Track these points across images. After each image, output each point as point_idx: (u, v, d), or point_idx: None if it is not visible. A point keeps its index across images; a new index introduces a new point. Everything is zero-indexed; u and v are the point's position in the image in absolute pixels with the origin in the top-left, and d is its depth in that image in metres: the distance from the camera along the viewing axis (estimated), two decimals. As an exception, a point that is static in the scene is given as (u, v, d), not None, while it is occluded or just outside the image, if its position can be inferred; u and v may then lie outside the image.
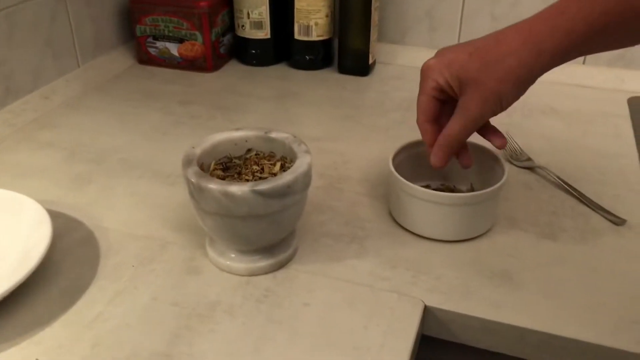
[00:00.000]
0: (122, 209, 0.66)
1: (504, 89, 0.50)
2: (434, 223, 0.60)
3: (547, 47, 0.48)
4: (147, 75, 1.02)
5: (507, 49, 0.49)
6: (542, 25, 0.48)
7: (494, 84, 0.50)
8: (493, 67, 0.50)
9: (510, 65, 0.49)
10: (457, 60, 0.52)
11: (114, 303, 0.53)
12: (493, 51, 0.50)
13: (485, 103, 0.51)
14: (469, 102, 0.52)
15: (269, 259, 0.56)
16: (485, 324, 0.52)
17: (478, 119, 0.53)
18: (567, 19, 0.47)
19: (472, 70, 0.51)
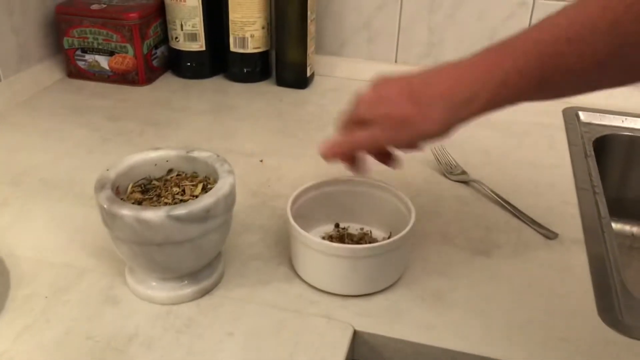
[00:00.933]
0: (39, 234, 0.62)
1: (429, 129, 0.49)
2: (329, 276, 0.54)
3: (480, 96, 0.47)
4: (76, 90, 0.97)
5: (439, 91, 0.48)
6: (476, 73, 0.47)
7: (420, 121, 0.49)
8: (422, 108, 0.48)
9: (441, 109, 0.48)
10: (389, 96, 0.50)
11: (22, 339, 0.49)
12: (425, 92, 0.49)
13: (412, 139, 0.50)
14: (390, 128, 0.50)
15: (192, 286, 0.53)
16: (416, 348, 0.51)
17: (389, 141, 0.52)
18: (502, 70, 0.46)
19: (403, 109, 0.49)
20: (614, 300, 0.56)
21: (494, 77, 0.46)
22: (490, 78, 0.46)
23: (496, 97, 0.46)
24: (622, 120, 0.90)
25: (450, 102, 0.47)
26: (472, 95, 0.47)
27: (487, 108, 0.48)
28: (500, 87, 0.46)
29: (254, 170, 0.75)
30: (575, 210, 0.68)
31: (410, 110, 0.49)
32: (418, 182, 0.73)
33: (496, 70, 0.46)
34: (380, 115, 0.50)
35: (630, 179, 0.91)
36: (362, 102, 0.52)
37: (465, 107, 0.47)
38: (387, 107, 0.50)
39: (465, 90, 0.47)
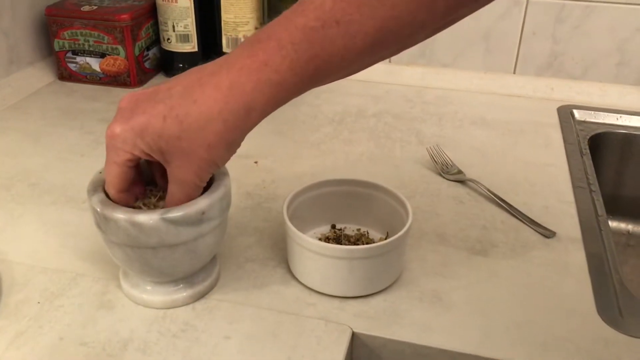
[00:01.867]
0: (31, 239, 0.62)
1: (215, 155, 0.45)
2: (326, 278, 0.53)
3: (258, 104, 0.43)
4: (67, 92, 0.96)
5: (209, 111, 0.43)
6: (245, 78, 0.42)
7: (203, 152, 0.44)
8: (197, 134, 0.43)
9: (217, 131, 0.43)
10: (151, 127, 0.44)
11: (14, 346, 0.49)
12: (192, 115, 0.43)
13: (201, 171, 0.46)
14: (183, 174, 0.46)
15: (188, 289, 0.53)
16: (415, 349, 0.50)
17: (198, 184, 0.47)
18: (273, 71, 0.42)
19: (173, 139, 0.43)
20: (612, 298, 0.55)
21: (266, 79, 0.42)
22: (262, 82, 0.42)
23: (274, 100, 0.43)
24: (616, 117, 0.90)
25: (224, 120, 0.43)
26: (248, 106, 0.43)
27: (266, 113, 0.44)
28: (276, 90, 0.42)
29: (249, 172, 0.74)
30: (572, 208, 0.68)
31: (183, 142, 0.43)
32: (414, 182, 0.73)
33: (267, 72, 0.42)
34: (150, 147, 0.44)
35: (626, 177, 0.91)
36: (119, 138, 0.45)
37: (244, 119, 0.43)
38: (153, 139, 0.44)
39: (239, 101, 0.42)
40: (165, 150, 0.44)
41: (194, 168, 0.45)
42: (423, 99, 0.96)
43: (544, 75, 0.99)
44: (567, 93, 0.97)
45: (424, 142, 0.82)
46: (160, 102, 0.44)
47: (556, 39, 0.96)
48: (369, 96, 0.97)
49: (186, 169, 0.45)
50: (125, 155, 0.46)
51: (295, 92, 0.44)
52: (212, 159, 0.45)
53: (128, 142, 0.45)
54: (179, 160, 0.45)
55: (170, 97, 0.44)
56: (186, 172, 0.45)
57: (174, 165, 0.46)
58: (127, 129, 0.44)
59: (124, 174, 0.47)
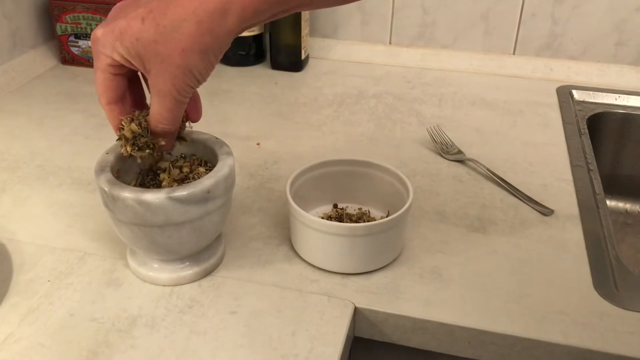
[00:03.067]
0: (39, 219, 0.63)
1: (191, 62, 0.42)
2: (328, 255, 0.55)
3: (232, 7, 0.40)
4: (70, 76, 0.97)
5: (184, 11, 0.40)
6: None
7: (177, 57, 0.41)
8: (171, 36, 0.41)
9: (190, 32, 0.41)
10: (130, 29, 0.42)
11: (27, 322, 0.50)
12: (169, 14, 0.41)
13: (176, 79, 0.43)
14: (160, 83, 0.43)
15: (194, 267, 0.54)
16: (416, 323, 0.52)
17: (177, 97, 0.44)
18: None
19: (149, 42, 0.41)
20: (609, 273, 0.56)
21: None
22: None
23: (252, 5, 0.40)
24: (615, 97, 0.91)
25: (198, 21, 0.40)
26: (225, 7, 0.40)
27: (245, 20, 0.41)
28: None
29: (251, 154, 0.75)
30: (570, 187, 0.69)
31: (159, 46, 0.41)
32: (414, 162, 0.74)
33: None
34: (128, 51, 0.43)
35: (624, 156, 0.92)
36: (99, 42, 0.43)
37: (219, 22, 0.40)
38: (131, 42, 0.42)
39: (215, 1, 0.40)
40: (143, 55, 0.43)
41: (170, 77, 0.43)
42: (423, 80, 0.97)
43: (543, 56, 0.99)
44: (566, 73, 0.97)
45: (424, 123, 0.83)
46: (141, 6, 0.43)
47: (555, 19, 0.96)
48: (369, 77, 0.98)
49: (163, 77, 0.43)
50: (106, 60, 0.44)
51: (275, 3, 0.41)
52: (186, 66, 0.42)
53: (107, 46, 0.43)
54: (156, 66, 0.43)
55: (151, 1, 0.42)
56: (163, 80, 0.43)
57: (152, 74, 0.43)
58: (108, 32, 0.43)
59: (109, 81, 0.46)
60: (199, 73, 0.43)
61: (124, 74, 0.46)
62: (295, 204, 0.55)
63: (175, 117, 0.47)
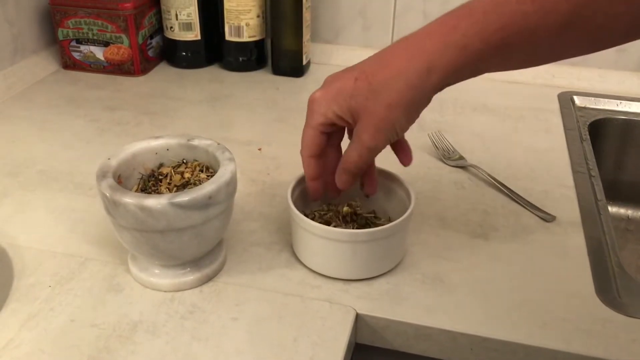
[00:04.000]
0: (40, 224, 0.63)
1: (395, 116, 0.46)
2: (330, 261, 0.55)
3: (439, 65, 0.44)
4: (72, 81, 0.97)
5: (394, 70, 0.45)
6: (433, 41, 0.44)
7: (383, 111, 0.46)
8: (381, 93, 0.45)
9: (399, 89, 0.45)
10: (344, 89, 0.47)
11: (27, 327, 0.50)
12: (379, 74, 0.46)
13: (378, 132, 0.47)
14: (362, 133, 0.48)
15: (195, 272, 0.54)
16: (418, 329, 0.51)
17: (373, 148, 0.49)
18: (460, 35, 0.43)
19: (360, 98, 0.46)
20: (611, 280, 0.56)
21: (452, 42, 0.43)
22: (447, 44, 0.43)
23: (455, 64, 0.44)
24: (616, 104, 0.91)
25: (406, 78, 0.45)
26: (430, 65, 0.44)
27: (447, 78, 0.45)
28: (459, 53, 0.43)
29: (252, 159, 0.75)
30: (571, 193, 0.69)
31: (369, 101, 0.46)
32: (416, 168, 0.73)
33: (454, 35, 0.43)
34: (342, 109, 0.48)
35: (625, 162, 0.92)
36: (317, 102, 0.49)
37: (424, 79, 0.44)
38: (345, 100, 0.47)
39: (422, 60, 0.44)
40: (354, 110, 0.47)
41: (374, 128, 0.47)
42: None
43: (544, 62, 0.99)
44: (568, 79, 0.97)
45: (425, 129, 0.82)
46: (355, 69, 0.48)
47: (557, 25, 0.96)
48: (370, 83, 0.98)
49: (366, 127, 0.47)
50: (319, 119, 0.49)
51: (478, 60, 0.44)
52: (390, 120, 0.46)
53: (323, 105, 0.49)
54: (363, 119, 0.47)
55: (363, 64, 0.48)
56: (365, 130, 0.47)
57: (360, 125, 0.48)
58: (324, 94, 0.49)
59: (316, 138, 0.51)
60: (399, 126, 0.48)
61: (328, 134, 0.51)
62: (297, 210, 0.54)
63: (363, 163, 0.50)
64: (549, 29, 0.42)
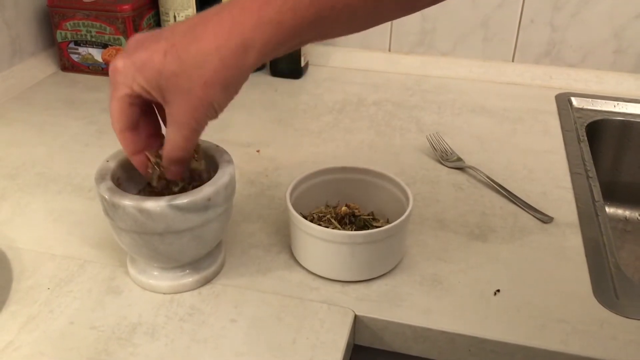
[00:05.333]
0: (39, 227, 0.63)
1: (212, 95, 0.44)
2: (329, 262, 0.55)
3: (255, 43, 0.42)
4: (70, 83, 0.97)
5: (208, 46, 0.42)
6: (247, 16, 0.42)
7: (200, 90, 0.43)
8: (195, 71, 0.43)
9: (214, 67, 0.43)
10: (151, 62, 0.44)
11: (27, 330, 0.50)
12: (192, 49, 0.42)
13: (196, 111, 0.44)
14: (179, 114, 0.45)
15: (194, 274, 0.54)
16: (416, 331, 0.52)
17: (195, 128, 0.46)
18: (274, 11, 0.41)
19: (171, 76, 0.43)
20: (609, 281, 0.56)
21: (267, 18, 0.42)
22: (262, 20, 0.42)
23: (272, 40, 0.42)
24: (614, 105, 0.91)
25: (221, 56, 0.42)
26: (246, 43, 0.42)
27: (264, 54, 0.43)
28: (275, 29, 0.42)
29: (251, 161, 0.75)
30: (569, 194, 0.69)
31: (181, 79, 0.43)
32: (414, 170, 0.74)
33: (268, 10, 0.42)
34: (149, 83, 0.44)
35: (623, 163, 0.92)
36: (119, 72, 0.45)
37: (241, 58, 0.43)
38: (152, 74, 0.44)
39: (238, 38, 0.42)
40: (164, 88, 0.44)
41: (191, 108, 0.44)
42: (422, 87, 0.97)
43: (542, 63, 1.00)
44: (565, 80, 0.97)
45: (423, 130, 0.83)
46: (163, 40, 0.44)
47: (554, 26, 0.97)
48: (369, 85, 0.98)
49: (183, 108, 0.44)
50: (125, 90, 0.46)
51: (294, 36, 0.43)
52: (208, 99, 0.44)
53: (128, 77, 0.45)
54: (177, 98, 0.44)
55: (173, 35, 0.44)
56: (183, 112, 0.45)
57: (171, 105, 0.45)
58: (129, 64, 0.45)
59: (124, 110, 0.47)
60: (218, 105, 0.45)
61: (138, 104, 0.47)
62: (296, 212, 0.55)
63: (191, 145, 0.48)
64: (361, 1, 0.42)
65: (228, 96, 0.45)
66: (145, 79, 0.44)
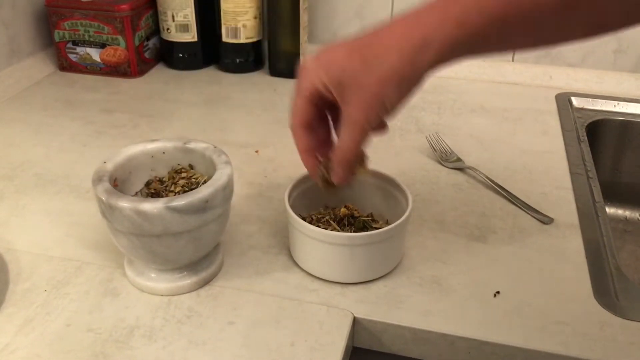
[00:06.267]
0: (36, 228, 0.62)
1: (385, 91, 0.44)
2: (327, 264, 0.54)
3: (434, 39, 0.42)
4: (68, 83, 0.97)
5: (389, 42, 0.43)
6: (431, 15, 0.42)
7: (375, 86, 0.44)
8: (373, 66, 0.43)
9: (392, 62, 0.43)
10: (336, 60, 0.45)
11: (23, 332, 0.50)
12: (374, 47, 0.44)
13: (370, 108, 0.45)
14: (353, 112, 0.46)
15: (192, 276, 0.54)
16: (415, 333, 0.51)
17: (366, 127, 0.47)
18: (460, 8, 0.41)
19: (351, 71, 0.44)
20: (609, 283, 0.56)
21: (451, 15, 0.42)
22: (446, 17, 0.42)
23: (452, 39, 0.42)
24: (614, 105, 0.91)
25: (399, 51, 0.43)
26: (425, 39, 0.42)
27: (442, 54, 0.43)
28: (457, 28, 0.42)
29: (250, 161, 0.75)
30: (569, 195, 0.69)
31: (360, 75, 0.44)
32: (414, 170, 0.73)
33: (454, 8, 0.42)
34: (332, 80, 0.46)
35: (623, 164, 0.92)
36: (307, 70, 0.47)
37: (419, 54, 0.43)
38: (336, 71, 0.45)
39: (418, 34, 0.42)
40: (345, 85, 0.45)
41: (365, 105, 0.45)
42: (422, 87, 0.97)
43: (542, 63, 0.99)
44: (565, 80, 0.97)
45: (423, 131, 0.82)
46: (350, 41, 0.46)
47: (554, 26, 0.96)
48: (368, 85, 0.97)
49: (358, 105, 0.45)
50: (309, 87, 0.47)
51: (475, 36, 0.42)
52: (381, 95, 0.44)
53: (313, 74, 0.47)
54: (354, 96, 0.45)
55: (361, 37, 0.46)
56: (357, 109, 0.46)
57: (348, 103, 0.46)
58: (316, 63, 0.47)
59: (304, 107, 0.49)
60: (390, 103, 0.45)
61: (317, 105, 0.49)
62: (294, 213, 0.54)
63: (356, 147, 0.48)
64: (551, 7, 0.41)
65: (400, 94, 0.45)
66: (328, 76, 0.46)
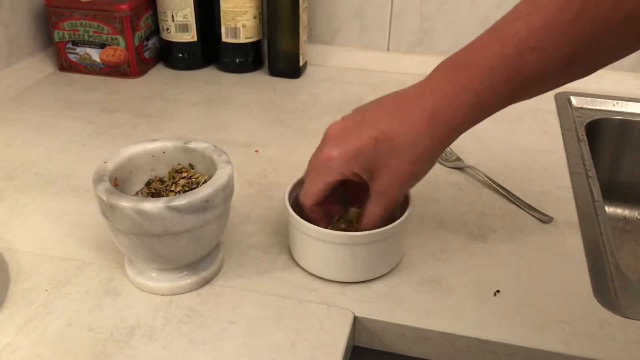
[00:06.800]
0: (36, 228, 0.62)
1: (420, 167, 0.49)
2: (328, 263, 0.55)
3: (459, 126, 0.47)
4: (68, 83, 0.97)
5: (417, 131, 0.47)
6: (446, 103, 0.46)
7: (410, 167, 0.48)
8: (405, 151, 0.47)
9: (424, 145, 0.47)
10: (365, 150, 0.48)
11: (24, 332, 0.50)
12: (403, 135, 0.47)
13: (404, 184, 0.50)
14: (385, 187, 0.50)
15: (192, 276, 0.54)
16: (416, 332, 0.51)
17: (399, 199, 0.52)
18: (472, 93, 0.45)
19: (382, 157, 0.48)
20: (608, 281, 0.56)
21: (466, 101, 0.46)
22: (462, 104, 0.46)
23: (472, 120, 0.47)
24: (613, 104, 0.91)
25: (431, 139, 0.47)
26: (451, 127, 0.47)
27: (466, 128, 0.48)
28: (473, 109, 0.46)
29: (250, 161, 0.75)
30: (569, 194, 0.69)
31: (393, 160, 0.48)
32: (413, 169, 0.73)
33: (467, 94, 0.45)
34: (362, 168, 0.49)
35: (622, 163, 0.92)
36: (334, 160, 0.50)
37: (448, 137, 0.48)
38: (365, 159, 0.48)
39: (443, 123, 0.47)
40: (374, 168, 0.49)
41: (398, 182, 0.49)
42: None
43: (541, 63, 0.99)
44: (565, 80, 0.97)
45: (422, 130, 0.82)
46: (370, 127, 0.48)
47: (553, 26, 0.96)
48: (368, 84, 0.98)
49: (391, 183, 0.49)
50: (337, 177, 0.50)
51: (492, 109, 0.47)
52: (416, 172, 0.49)
53: (342, 165, 0.49)
54: (385, 175, 0.49)
55: (378, 122, 0.48)
56: (390, 185, 0.49)
57: (378, 181, 0.49)
58: (344, 154, 0.49)
59: (325, 191, 0.52)
60: (422, 175, 0.50)
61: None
62: (294, 212, 0.54)
63: (387, 215, 0.52)
64: (552, 72, 0.44)
65: (431, 166, 0.50)
66: (359, 165, 0.49)
